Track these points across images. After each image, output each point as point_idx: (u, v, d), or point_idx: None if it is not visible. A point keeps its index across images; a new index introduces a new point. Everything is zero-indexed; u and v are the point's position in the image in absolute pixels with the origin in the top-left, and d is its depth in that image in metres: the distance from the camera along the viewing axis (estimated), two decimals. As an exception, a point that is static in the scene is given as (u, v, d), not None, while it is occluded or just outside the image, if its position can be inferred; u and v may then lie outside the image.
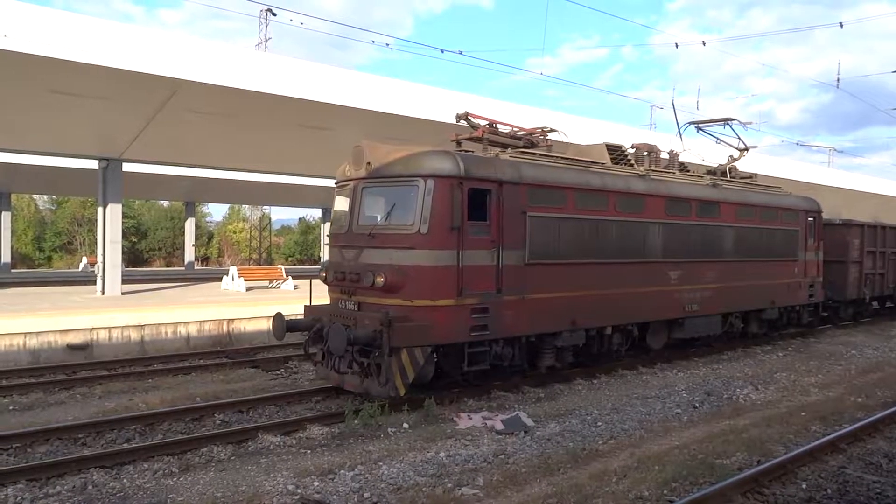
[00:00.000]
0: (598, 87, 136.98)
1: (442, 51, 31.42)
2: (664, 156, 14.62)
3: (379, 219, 10.16)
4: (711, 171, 16.28)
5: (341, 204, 10.80)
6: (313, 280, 11.29)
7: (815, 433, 8.87)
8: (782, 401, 10.84)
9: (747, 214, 15.52)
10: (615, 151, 13.29)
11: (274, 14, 32.39)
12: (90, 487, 6.80)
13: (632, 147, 13.89)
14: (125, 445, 8.14)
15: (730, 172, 16.60)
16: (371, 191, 10.32)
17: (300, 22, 57.52)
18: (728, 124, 16.99)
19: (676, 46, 21.60)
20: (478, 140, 11.57)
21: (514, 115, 17.56)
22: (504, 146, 11.71)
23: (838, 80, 32.04)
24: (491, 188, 10.09)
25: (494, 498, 6.53)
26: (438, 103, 19.88)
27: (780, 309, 16.95)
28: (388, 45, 74.46)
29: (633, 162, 13.49)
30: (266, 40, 35.13)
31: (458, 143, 11.60)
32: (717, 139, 17.30)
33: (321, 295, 11.33)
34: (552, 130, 12.57)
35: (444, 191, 9.56)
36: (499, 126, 12.09)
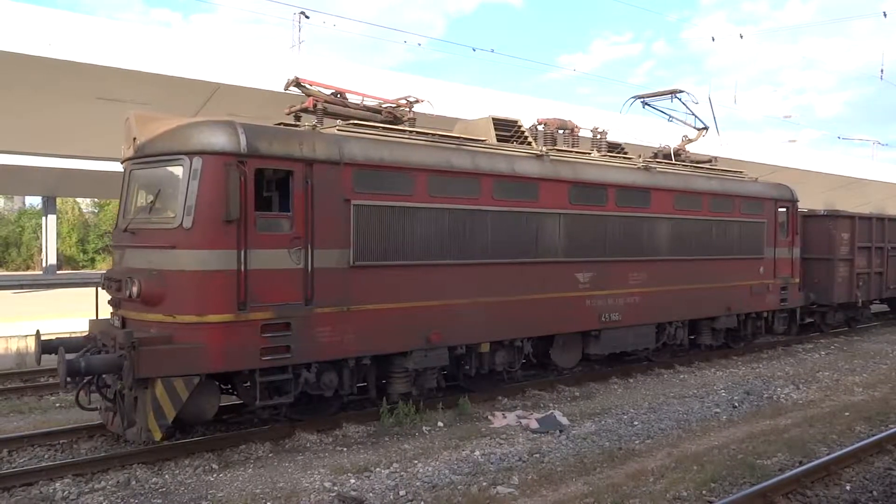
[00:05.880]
0: (632, 83, 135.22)
1: (474, 49, 30.66)
2: (585, 134, 12.29)
3: (142, 210, 8.18)
4: (657, 154, 14.21)
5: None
6: (99, 288, 8.91)
7: (860, 434, 8.66)
8: (825, 400, 10.61)
9: (690, 204, 12.96)
10: (507, 127, 11.01)
11: (307, 17, 32.65)
12: (133, 483, 6.97)
13: (539, 123, 11.53)
14: (166, 442, 8.30)
15: (676, 155, 14.16)
16: (136, 175, 8.38)
17: (333, 24, 57.99)
18: (676, 97, 14.61)
19: (713, 40, 21.32)
20: (312, 112, 9.35)
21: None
22: (354, 119, 9.53)
23: (882, 71, 31.35)
24: (294, 169, 8.03)
25: (530, 497, 6.52)
26: (478, 103, 19.94)
27: (741, 316, 14.44)
28: (419, 44, 74.69)
29: (530, 140, 11.11)
30: (300, 43, 35.50)
31: (297, 117, 9.55)
32: (669, 117, 14.97)
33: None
34: (417, 101, 10.39)
35: (215, 172, 7.49)
36: (348, 95, 9.92)
